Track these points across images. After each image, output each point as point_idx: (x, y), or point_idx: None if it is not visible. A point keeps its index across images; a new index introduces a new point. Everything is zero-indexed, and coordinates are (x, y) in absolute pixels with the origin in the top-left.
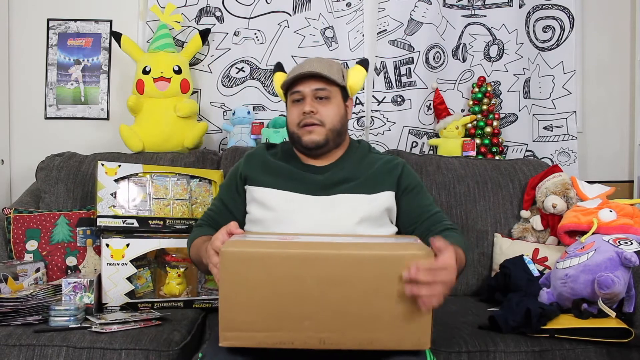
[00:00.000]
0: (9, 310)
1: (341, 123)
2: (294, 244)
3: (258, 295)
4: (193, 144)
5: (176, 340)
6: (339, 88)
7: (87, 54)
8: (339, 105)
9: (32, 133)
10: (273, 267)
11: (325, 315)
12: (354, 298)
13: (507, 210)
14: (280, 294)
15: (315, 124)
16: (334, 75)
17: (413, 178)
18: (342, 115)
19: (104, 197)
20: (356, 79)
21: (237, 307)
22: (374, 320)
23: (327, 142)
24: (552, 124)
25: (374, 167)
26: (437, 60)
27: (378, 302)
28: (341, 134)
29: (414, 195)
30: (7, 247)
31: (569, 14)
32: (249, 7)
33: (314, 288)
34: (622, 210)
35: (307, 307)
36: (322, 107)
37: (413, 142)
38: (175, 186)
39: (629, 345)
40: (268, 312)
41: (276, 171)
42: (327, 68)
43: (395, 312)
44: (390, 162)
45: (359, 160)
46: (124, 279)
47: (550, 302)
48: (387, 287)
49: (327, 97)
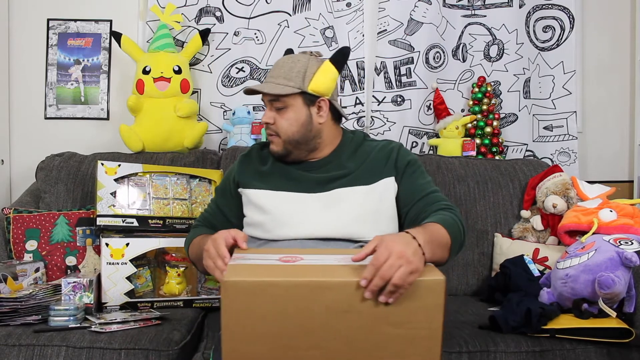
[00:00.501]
0: (8, 310)
1: (303, 130)
2: (299, 269)
3: (263, 326)
4: (193, 144)
5: (176, 340)
6: (299, 95)
7: (87, 54)
8: (297, 112)
9: (32, 133)
10: (278, 297)
11: (334, 344)
12: (362, 325)
13: (507, 210)
14: (286, 324)
15: (273, 134)
16: (289, 83)
17: (409, 158)
18: (303, 121)
19: (104, 196)
20: (321, 79)
21: (241, 338)
22: (383, 347)
23: (287, 152)
24: (552, 124)
25: (370, 156)
26: (437, 60)
27: (387, 329)
28: (306, 140)
29: (409, 175)
30: (7, 247)
31: (569, 14)
32: (249, 7)
33: (322, 317)
34: (623, 210)
35: (314, 337)
36: (278, 117)
37: (413, 142)
38: (175, 186)
39: (630, 345)
40: (274, 343)
41: (271, 172)
42: (285, 75)
43: (404, 339)
44: (386, 148)
45: (354, 151)
46: (124, 278)
47: (550, 302)
48: (395, 313)
49: (282, 107)
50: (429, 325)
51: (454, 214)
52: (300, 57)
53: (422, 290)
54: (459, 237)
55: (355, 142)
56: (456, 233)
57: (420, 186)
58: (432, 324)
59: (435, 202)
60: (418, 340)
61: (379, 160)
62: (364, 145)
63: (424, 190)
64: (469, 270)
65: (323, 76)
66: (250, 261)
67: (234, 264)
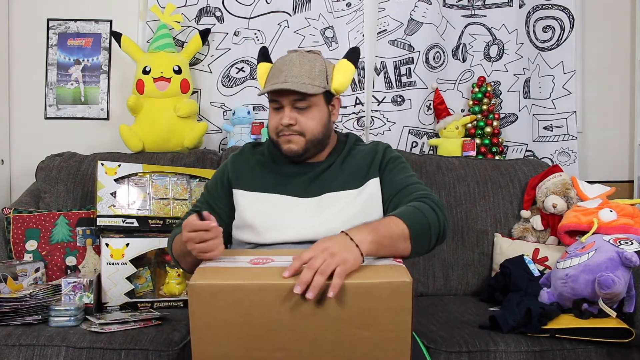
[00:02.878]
0: (8, 310)
1: (324, 130)
2: (265, 271)
3: (230, 328)
4: (193, 144)
5: (176, 340)
6: (321, 94)
7: (87, 54)
8: (321, 112)
9: (32, 133)
10: (243, 299)
11: (300, 346)
12: (328, 328)
13: (507, 210)
14: (252, 326)
15: (294, 134)
16: (314, 83)
17: (390, 156)
18: (325, 121)
19: (104, 196)
20: (342, 78)
21: (209, 340)
22: (350, 349)
23: (306, 151)
24: (552, 124)
25: (357, 159)
26: (437, 60)
27: (354, 331)
28: (324, 139)
29: (389, 172)
30: (7, 247)
31: (569, 14)
32: (249, 7)
33: (287, 319)
34: (623, 210)
35: (280, 339)
36: (302, 117)
37: (413, 142)
38: (175, 186)
39: (630, 345)
40: (241, 345)
41: (263, 173)
42: (308, 74)
43: (372, 341)
44: (372, 150)
45: (346, 155)
46: (124, 278)
47: (550, 302)
48: (361, 315)
49: (306, 106)
50: (397, 328)
51: (425, 202)
52: (315, 56)
53: (388, 292)
54: (423, 226)
55: (348, 145)
56: (419, 223)
57: (398, 181)
58: (400, 326)
59: (410, 194)
60: (386, 343)
61: (365, 162)
62: (355, 148)
63: (401, 183)
64: (469, 270)
65: (344, 75)
66: (221, 263)
67: (203, 267)
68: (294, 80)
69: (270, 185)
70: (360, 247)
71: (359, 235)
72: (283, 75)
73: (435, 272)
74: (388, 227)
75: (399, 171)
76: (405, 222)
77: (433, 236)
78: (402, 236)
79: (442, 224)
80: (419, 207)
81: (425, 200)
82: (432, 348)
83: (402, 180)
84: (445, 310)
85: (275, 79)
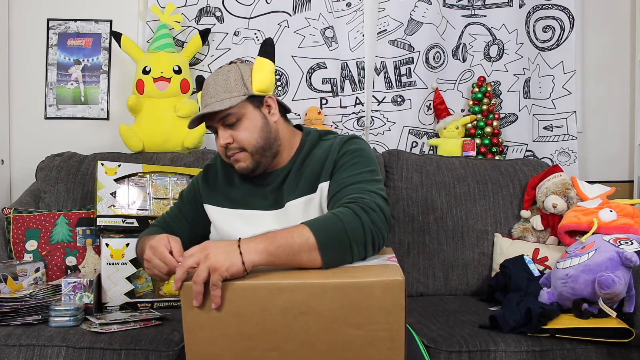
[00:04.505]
0: (8, 310)
1: (265, 135)
2: (257, 271)
3: (222, 328)
4: (193, 144)
5: (176, 341)
6: (246, 101)
7: (87, 54)
8: (253, 119)
9: (32, 133)
10: (236, 299)
11: (292, 345)
12: (321, 327)
13: (507, 210)
14: (244, 326)
15: (236, 152)
16: (232, 95)
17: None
18: (260, 126)
19: (104, 196)
20: (261, 76)
21: (202, 340)
22: (343, 349)
23: (256, 164)
24: (552, 124)
25: (314, 159)
26: (437, 60)
27: (347, 330)
28: (270, 145)
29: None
30: (7, 247)
31: (569, 14)
32: (249, 7)
33: (279, 318)
34: (623, 210)
35: (273, 339)
36: (236, 132)
37: (413, 142)
38: (175, 186)
39: (630, 345)
40: (234, 345)
41: (231, 188)
42: (224, 89)
43: (365, 340)
44: (328, 148)
45: (305, 157)
46: (124, 278)
47: (550, 302)
48: (354, 314)
49: (236, 121)
50: (390, 327)
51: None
52: (228, 67)
53: (380, 291)
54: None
55: (309, 144)
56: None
57: (340, 180)
58: (394, 324)
59: (342, 197)
60: (379, 342)
61: (319, 163)
62: (317, 146)
63: (341, 184)
64: (469, 270)
65: (262, 73)
66: None
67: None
68: (212, 102)
69: (239, 200)
70: (243, 255)
71: (249, 243)
72: (204, 101)
73: (435, 272)
74: (288, 237)
75: (347, 168)
76: (313, 231)
77: (355, 244)
78: (306, 246)
79: (368, 230)
80: (338, 214)
81: (351, 205)
82: (432, 348)
83: (344, 180)
84: (445, 310)
85: (202, 107)
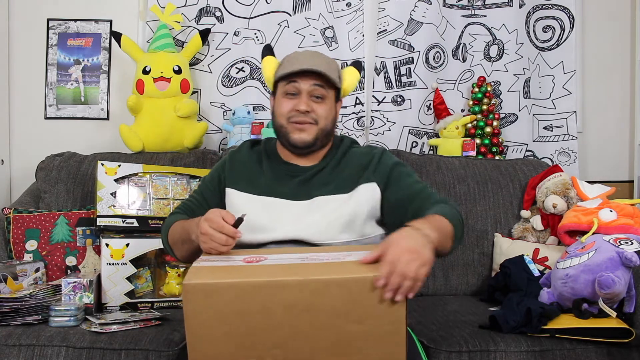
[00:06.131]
0: (8, 310)
1: (332, 125)
2: (259, 269)
3: (225, 326)
4: (193, 144)
5: (176, 341)
6: (334, 89)
7: (87, 54)
8: (331, 106)
9: (32, 133)
10: (238, 297)
11: (296, 342)
12: (324, 323)
13: (507, 210)
14: (247, 323)
15: (308, 122)
16: (332, 75)
17: (391, 162)
18: (333, 116)
19: (104, 196)
20: (350, 81)
21: (204, 339)
22: (346, 344)
23: (315, 142)
24: (552, 124)
25: (351, 164)
26: (437, 60)
27: (348, 325)
28: (330, 134)
29: (395, 179)
30: (7, 247)
31: (569, 14)
32: (249, 7)
33: (282, 315)
34: (623, 210)
35: (276, 336)
36: (316, 106)
37: (413, 142)
38: (175, 186)
39: (630, 345)
40: (237, 343)
41: (257, 175)
42: (326, 66)
43: (367, 335)
44: (368, 154)
45: (340, 159)
46: (124, 278)
47: (550, 302)
48: (356, 309)
49: (322, 97)
50: (392, 321)
51: (450, 205)
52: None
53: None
54: (459, 226)
55: (343, 149)
56: (457, 223)
57: (409, 186)
58: (395, 319)
59: (430, 197)
60: (382, 336)
61: (359, 167)
62: (349, 152)
63: (414, 188)
64: (469, 270)
65: (352, 78)
66: (215, 263)
67: (197, 266)
68: (317, 67)
69: (263, 187)
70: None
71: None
72: (305, 62)
73: (435, 272)
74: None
75: (405, 176)
76: (451, 222)
77: (460, 239)
78: (449, 235)
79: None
80: (453, 210)
81: (451, 203)
82: (432, 348)
83: (414, 186)
84: (445, 310)
85: (294, 66)
